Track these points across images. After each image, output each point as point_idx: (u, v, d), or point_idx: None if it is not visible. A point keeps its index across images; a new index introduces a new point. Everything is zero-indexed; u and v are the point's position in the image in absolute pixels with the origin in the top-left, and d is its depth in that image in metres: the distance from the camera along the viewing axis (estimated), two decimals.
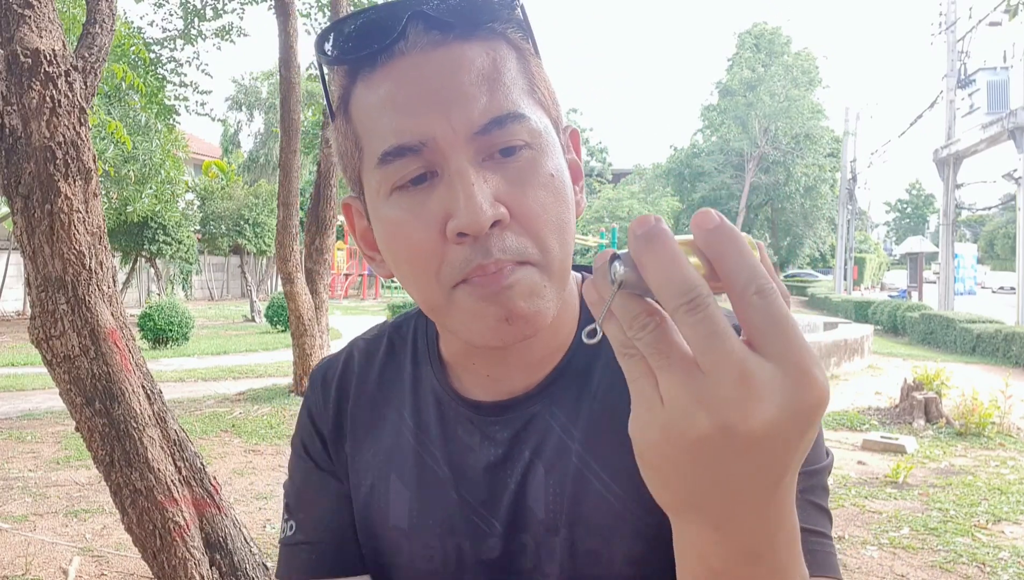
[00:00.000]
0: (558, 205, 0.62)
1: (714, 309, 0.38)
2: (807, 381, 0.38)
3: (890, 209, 77.62)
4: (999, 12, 16.50)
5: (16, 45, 2.17)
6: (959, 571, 3.60)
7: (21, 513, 4.31)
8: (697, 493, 0.41)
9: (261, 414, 6.93)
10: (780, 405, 0.37)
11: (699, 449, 0.39)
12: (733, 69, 38.82)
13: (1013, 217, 18.84)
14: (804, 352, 0.38)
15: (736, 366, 0.37)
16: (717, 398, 0.38)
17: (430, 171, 0.60)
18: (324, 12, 8.86)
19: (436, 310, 0.64)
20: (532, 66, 0.65)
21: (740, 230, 0.41)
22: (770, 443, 0.38)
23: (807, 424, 0.38)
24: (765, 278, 0.39)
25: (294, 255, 6.95)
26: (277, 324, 14.80)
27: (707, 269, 0.40)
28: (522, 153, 0.60)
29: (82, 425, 2.34)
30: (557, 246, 0.61)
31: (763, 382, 0.37)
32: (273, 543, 3.88)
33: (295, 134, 7.06)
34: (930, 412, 6.58)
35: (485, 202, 0.57)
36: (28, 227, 2.25)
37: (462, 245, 0.58)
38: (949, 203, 18.17)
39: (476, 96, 0.59)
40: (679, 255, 0.39)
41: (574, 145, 0.71)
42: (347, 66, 0.65)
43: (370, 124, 0.62)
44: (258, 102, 36.36)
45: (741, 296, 0.39)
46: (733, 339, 0.38)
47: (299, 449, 0.80)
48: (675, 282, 0.38)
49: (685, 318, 0.38)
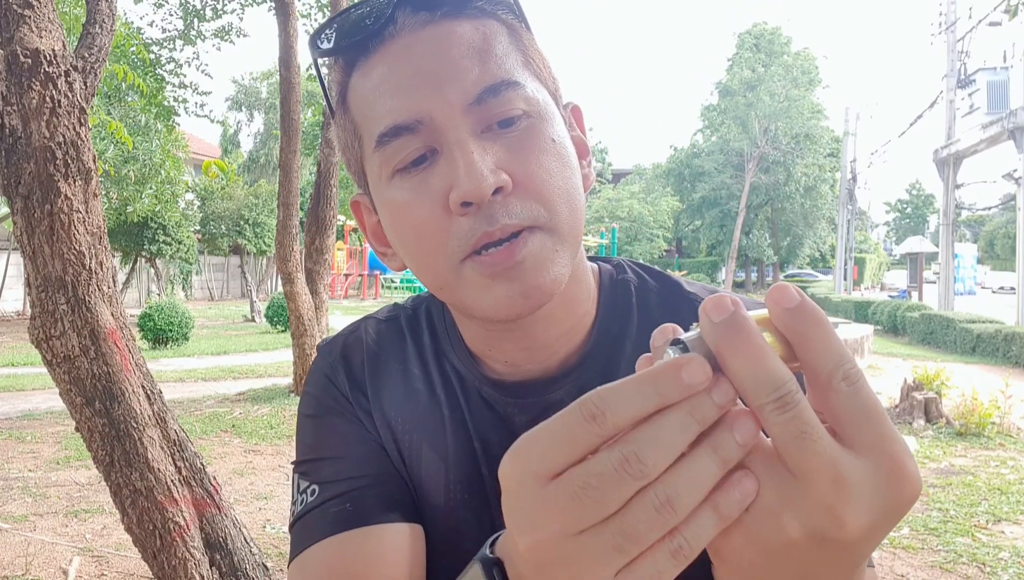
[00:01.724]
0: (563, 170, 0.60)
1: (804, 405, 0.35)
2: (902, 477, 0.35)
3: (890, 209, 77.64)
4: (999, 12, 16.50)
5: (16, 45, 2.17)
6: (959, 571, 3.60)
7: (21, 513, 4.31)
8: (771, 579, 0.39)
9: (261, 414, 6.93)
10: (875, 507, 0.35)
11: (784, 554, 0.37)
12: (733, 69, 38.82)
13: (1013, 217, 18.84)
14: (896, 443, 0.36)
15: (829, 469, 0.35)
16: (808, 504, 0.35)
17: (429, 149, 0.59)
18: (324, 12, 8.86)
19: (446, 288, 0.62)
20: (524, 40, 0.64)
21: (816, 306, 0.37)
22: (862, 542, 0.36)
23: (897, 519, 0.36)
24: (852, 362, 0.36)
25: (294, 255, 6.95)
26: (277, 324, 14.80)
27: (784, 350, 0.37)
28: (520, 122, 0.59)
29: (82, 425, 2.34)
30: (566, 209, 0.60)
31: (858, 484, 0.35)
32: (273, 543, 3.88)
33: (295, 134, 7.06)
34: (930, 412, 6.58)
35: (486, 169, 0.56)
36: (28, 227, 2.25)
37: (467, 216, 0.57)
38: (949, 203, 18.17)
39: (468, 68, 0.59)
40: (767, 349, 0.35)
41: (577, 121, 0.70)
42: (342, 58, 0.65)
43: (367, 110, 0.62)
44: (258, 102, 36.39)
45: (828, 382, 0.36)
46: (825, 439, 0.35)
47: (315, 407, 0.74)
48: (762, 377, 0.35)
49: (774, 416, 0.35)
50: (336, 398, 0.74)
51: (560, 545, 0.37)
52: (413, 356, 0.75)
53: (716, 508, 0.36)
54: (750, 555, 0.38)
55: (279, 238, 6.97)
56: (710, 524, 0.36)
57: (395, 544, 0.65)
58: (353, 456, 0.70)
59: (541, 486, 0.37)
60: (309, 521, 0.67)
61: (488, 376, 0.72)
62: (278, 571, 3.47)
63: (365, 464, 0.69)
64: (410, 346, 0.76)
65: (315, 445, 0.72)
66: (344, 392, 0.74)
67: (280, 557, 3.71)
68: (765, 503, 0.36)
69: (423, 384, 0.74)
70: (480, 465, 0.70)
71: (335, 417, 0.73)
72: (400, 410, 0.73)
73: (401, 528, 0.66)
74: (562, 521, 0.36)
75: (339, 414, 0.73)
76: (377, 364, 0.75)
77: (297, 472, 0.73)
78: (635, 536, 0.35)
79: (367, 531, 0.65)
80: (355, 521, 0.65)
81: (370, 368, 0.75)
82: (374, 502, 0.67)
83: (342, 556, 0.64)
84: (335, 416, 0.73)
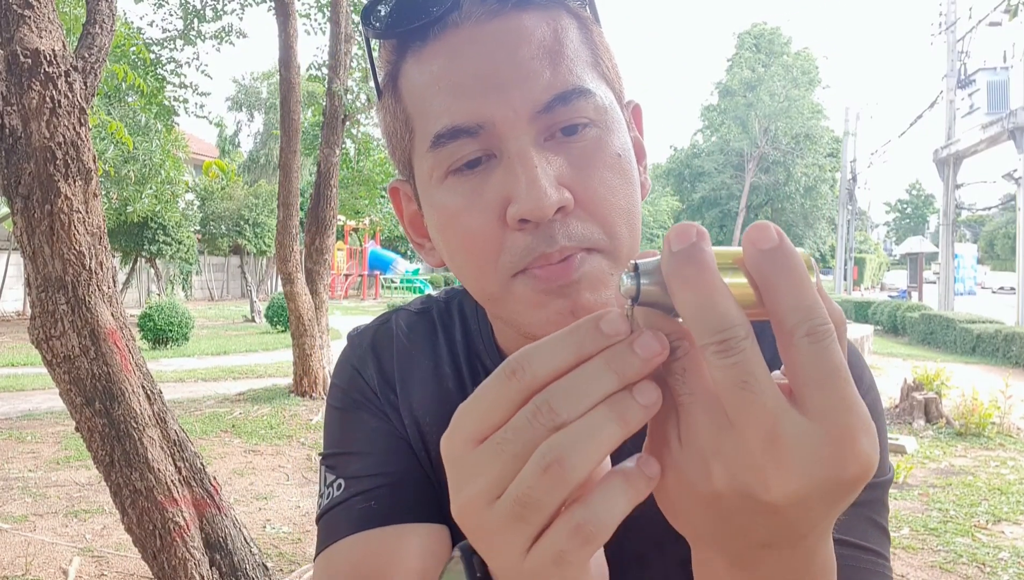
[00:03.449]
0: (626, 187, 0.57)
1: (751, 353, 0.32)
2: (848, 450, 0.32)
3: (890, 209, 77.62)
4: (999, 12, 16.50)
5: (16, 45, 2.17)
6: (959, 571, 3.60)
7: (21, 513, 4.31)
8: (712, 535, 0.37)
9: (261, 414, 6.93)
10: (809, 476, 0.32)
11: (711, 504, 0.35)
12: (733, 69, 38.84)
13: (1013, 217, 18.84)
14: (852, 414, 0.32)
15: (767, 423, 0.32)
16: (738, 456, 0.33)
17: (487, 153, 0.56)
18: (324, 12, 8.86)
19: (492, 300, 0.59)
20: (595, 35, 0.60)
21: (794, 251, 0.34)
22: (792, 512, 0.34)
23: (839, 498, 0.34)
24: (821, 318, 0.33)
25: (294, 255, 6.95)
26: (277, 324, 14.79)
27: (756, 297, 0.34)
28: (587, 132, 0.56)
29: (82, 425, 2.34)
30: (626, 232, 0.56)
31: (794, 447, 0.32)
32: (273, 543, 3.88)
33: (295, 134, 7.06)
34: (930, 412, 6.58)
35: (549, 186, 0.52)
36: (28, 227, 2.25)
37: (523, 232, 0.54)
38: (949, 203, 18.17)
39: (538, 72, 0.54)
40: (717, 284, 0.33)
41: (636, 121, 0.66)
42: (396, 40, 0.60)
43: (422, 104, 0.58)
44: (258, 102, 36.38)
45: (789, 336, 0.33)
46: (769, 393, 0.32)
47: (342, 400, 0.73)
48: (708, 316, 0.32)
49: (715, 359, 0.33)
50: (363, 391, 0.72)
51: (480, 513, 0.36)
52: (445, 353, 0.74)
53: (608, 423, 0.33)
54: (683, 501, 0.36)
55: (279, 238, 6.97)
56: (612, 498, 0.34)
57: (419, 544, 0.64)
58: (379, 453, 0.69)
59: (470, 450, 0.36)
60: (335, 516, 0.67)
61: None
62: (278, 571, 3.47)
63: (391, 462, 0.68)
64: (442, 342, 0.74)
65: (342, 438, 0.71)
66: (372, 386, 0.72)
67: (280, 557, 3.71)
68: (696, 446, 0.34)
69: (454, 383, 0.72)
70: None
71: (362, 411, 0.72)
72: (429, 408, 0.71)
73: (425, 528, 0.65)
74: (483, 482, 0.35)
75: (366, 408, 0.72)
76: (408, 359, 0.73)
77: (324, 464, 0.72)
78: (529, 501, 0.33)
79: (391, 530, 0.64)
80: (380, 519, 0.64)
81: (400, 363, 0.73)
82: (398, 501, 0.66)
83: (366, 554, 0.64)
84: (362, 410, 0.72)
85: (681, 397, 0.35)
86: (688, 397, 0.35)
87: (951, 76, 19.24)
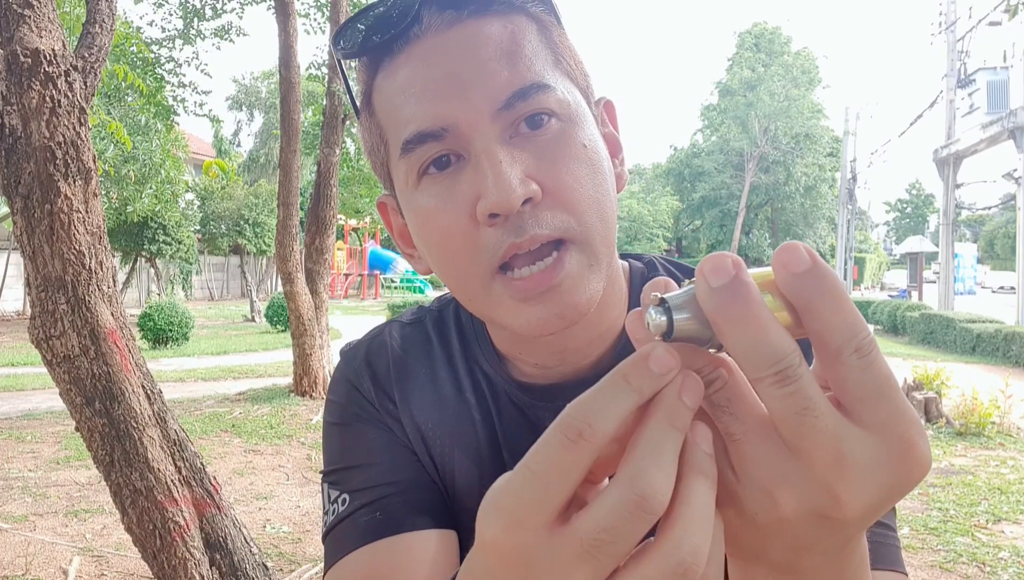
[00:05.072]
0: (594, 177, 0.58)
1: (807, 379, 0.32)
2: (912, 456, 0.32)
3: (890, 209, 77.59)
4: (999, 12, 16.50)
5: (16, 45, 2.17)
6: (959, 571, 3.60)
7: (21, 513, 4.31)
8: (766, 552, 0.37)
9: (261, 414, 6.93)
10: (879, 487, 0.33)
11: (775, 530, 0.34)
12: (733, 69, 38.85)
13: (1013, 217, 18.84)
14: (908, 420, 0.33)
15: (831, 446, 0.32)
16: (806, 481, 0.33)
17: (455, 155, 0.57)
18: (323, 12, 8.86)
19: (475, 301, 0.61)
20: (555, 36, 0.62)
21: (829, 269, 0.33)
22: (860, 521, 0.34)
23: (902, 497, 0.34)
24: (866, 332, 0.32)
25: (294, 255, 6.95)
26: (277, 324, 14.80)
27: (791, 317, 0.33)
28: (550, 124, 0.57)
29: (82, 425, 2.34)
30: (597, 220, 0.57)
31: (861, 463, 0.32)
32: (273, 543, 3.88)
33: (295, 134, 7.06)
34: (930, 412, 6.58)
35: (515, 179, 0.54)
36: (28, 227, 2.25)
37: (494, 227, 0.55)
38: (949, 203, 18.17)
39: (496, 71, 0.56)
40: (769, 319, 0.32)
41: (610, 117, 0.68)
42: (366, 59, 0.63)
43: (392, 114, 0.60)
44: (258, 102, 36.38)
45: (837, 355, 0.32)
46: (828, 415, 0.32)
47: (341, 415, 0.73)
48: (762, 351, 0.32)
49: (773, 390, 0.32)
50: (362, 405, 0.72)
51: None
52: (441, 359, 0.74)
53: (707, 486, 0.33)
54: (741, 531, 0.36)
55: (279, 238, 6.97)
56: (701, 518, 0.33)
57: (427, 551, 0.64)
58: (382, 463, 0.69)
59: (546, 540, 0.32)
60: (341, 531, 0.66)
61: (517, 379, 0.71)
62: (278, 571, 3.48)
63: (395, 471, 0.68)
64: (437, 349, 0.75)
65: (343, 454, 0.71)
66: (370, 398, 0.73)
67: (280, 557, 3.71)
68: (759, 478, 0.34)
69: (452, 388, 0.73)
70: (509, 469, 0.69)
71: (362, 424, 0.72)
72: (430, 415, 0.71)
73: (433, 534, 0.65)
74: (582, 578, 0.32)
75: (366, 421, 0.72)
76: (404, 369, 0.74)
77: (327, 482, 0.71)
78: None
79: (398, 539, 0.64)
80: (386, 530, 0.64)
81: (396, 373, 0.74)
82: (405, 509, 0.65)
83: (374, 566, 0.63)
84: (362, 423, 0.72)
85: (732, 430, 0.34)
86: (740, 428, 0.34)
87: (951, 76, 19.24)
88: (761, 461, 0.33)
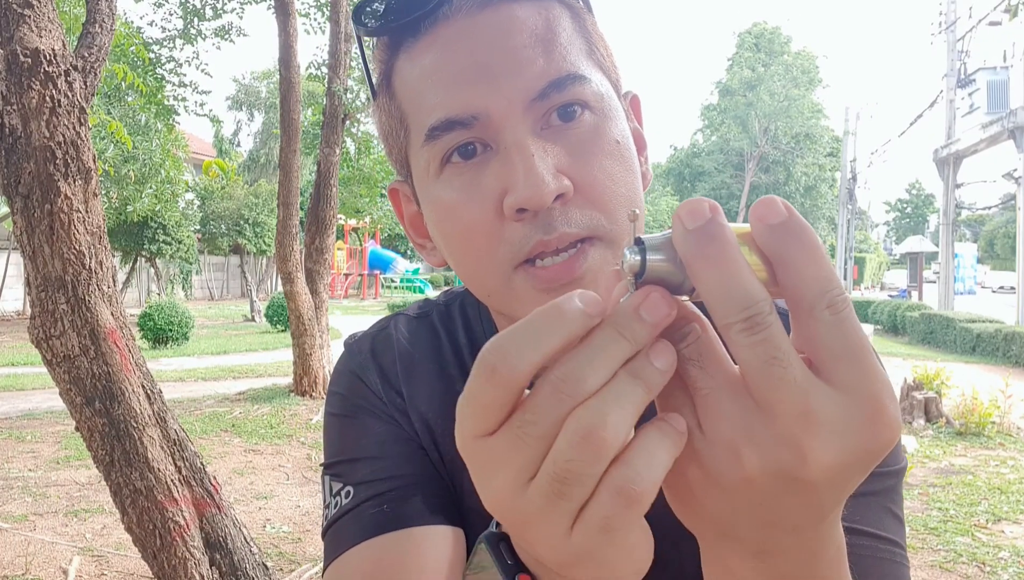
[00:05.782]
0: (626, 175, 0.56)
1: (777, 329, 0.32)
2: (880, 417, 0.32)
3: (890, 209, 77.58)
4: (999, 12, 16.49)
5: (16, 45, 2.17)
6: (959, 571, 3.60)
7: (21, 513, 4.31)
8: (735, 526, 0.36)
9: (261, 414, 6.93)
10: (847, 446, 0.32)
11: (743, 490, 0.34)
12: (733, 69, 38.85)
13: (1013, 217, 18.84)
14: (880, 381, 0.32)
15: (799, 400, 0.31)
16: (772, 437, 0.32)
17: (482, 144, 0.55)
18: (323, 12, 8.85)
19: (493, 295, 0.58)
20: (588, 24, 0.59)
21: (804, 223, 0.33)
22: (828, 485, 0.33)
23: (869, 465, 0.33)
24: (839, 289, 0.32)
25: (294, 255, 6.95)
26: (277, 324, 14.79)
27: (767, 271, 0.33)
28: (583, 117, 0.55)
29: (82, 425, 2.34)
30: (627, 219, 0.54)
31: (829, 419, 0.32)
32: (273, 543, 3.88)
33: (295, 134, 7.05)
34: (930, 412, 6.58)
35: (547, 174, 0.51)
36: (28, 227, 2.25)
37: (521, 222, 0.53)
38: (949, 203, 18.17)
39: (531, 60, 0.53)
40: (741, 263, 0.32)
41: (635, 112, 0.65)
42: (388, 37, 0.59)
43: (416, 99, 0.57)
44: (258, 102, 36.38)
45: (810, 311, 0.32)
46: (797, 367, 0.32)
47: (345, 407, 0.71)
48: (733, 294, 0.31)
49: (742, 338, 0.32)
50: (367, 397, 0.70)
51: (515, 501, 0.34)
52: (449, 354, 0.72)
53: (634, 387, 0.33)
54: (707, 493, 0.35)
55: (279, 238, 6.97)
56: (651, 453, 0.33)
57: (435, 547, 0.61)
58: (388, 456, 0.66)
59: (484, 442, 0.34)
60: (344, 524, 0.63)
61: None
62: (278, 571, 3.47)
63: (401, 464, 0.66)
64: (445, 344, 0.72)
65: (347, 445, 0.69)
66: (376, 391, 0.70)
67: (280, 557, 3.71)
68: (723, 434, 0.33)
69: (461, 385, 0.71)
70: None
71: (367, 416, 0.69)
72: (438, 410, 0.69)
73: (441, 530, 0.62)
74: (511, 470, 0.34)
75: (371, 413, 0.69)
76: (410, 362, 0.72)
77: (328, 474, 0.69)
78: (568, 475, 0.32)
79: (405, 534, 0.61)
80: (393, 523, 0.61)
81: (403, 367, 0.71)
82: (412, 503, 0.63)
83: (379, 560, 0.60)
84: (367, 415, 0.69)
85: (699, 385, 0.34)
86: (708, 383, 0.34)
87: (951, 76, 19.24)
88: (727, 416, 0.33)
